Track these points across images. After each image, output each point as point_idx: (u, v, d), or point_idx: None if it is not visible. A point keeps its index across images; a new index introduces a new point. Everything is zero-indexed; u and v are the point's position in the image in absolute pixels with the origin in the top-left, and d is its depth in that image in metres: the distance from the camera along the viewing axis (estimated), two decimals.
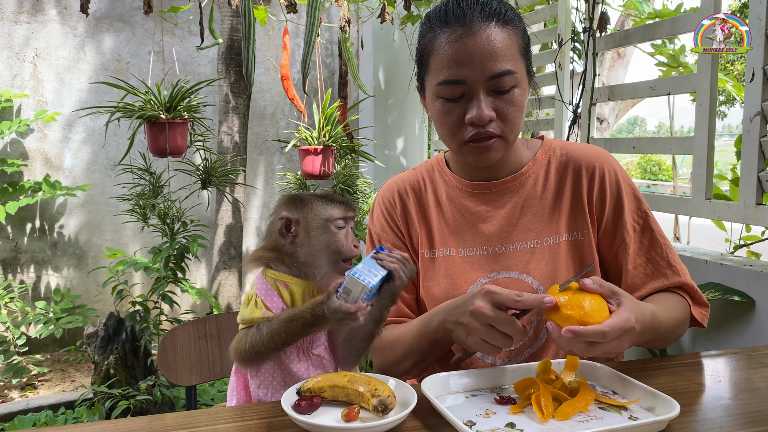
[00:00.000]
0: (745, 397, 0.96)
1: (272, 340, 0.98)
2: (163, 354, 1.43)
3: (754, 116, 1.78)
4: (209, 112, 3.87)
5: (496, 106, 1.08)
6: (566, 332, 0.87)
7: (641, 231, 1.20)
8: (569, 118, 2.57)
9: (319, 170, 2.94)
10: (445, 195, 1.26)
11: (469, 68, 1.06)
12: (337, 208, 1.04)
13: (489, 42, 1.05)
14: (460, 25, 1.06)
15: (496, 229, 1.20)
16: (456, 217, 1.24)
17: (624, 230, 1.19)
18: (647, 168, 13.84)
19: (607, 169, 1.21)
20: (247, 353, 0.99)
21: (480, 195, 1.22)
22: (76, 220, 4.11)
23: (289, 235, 1.04)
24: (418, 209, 1.27)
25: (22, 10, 3.93)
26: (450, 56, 1.07)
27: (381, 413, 0.86)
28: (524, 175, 1.22)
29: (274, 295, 1.02)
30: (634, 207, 1.21)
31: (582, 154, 1.22)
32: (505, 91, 1.08)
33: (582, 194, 1.20)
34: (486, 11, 1.07)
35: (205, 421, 0.90)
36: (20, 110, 3.97)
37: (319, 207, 1.04)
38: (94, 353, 2.90)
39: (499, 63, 1.06)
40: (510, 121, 1.10)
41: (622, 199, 1.20)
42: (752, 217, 1.81)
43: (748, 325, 1.71)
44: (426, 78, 1.15)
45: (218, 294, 3.59)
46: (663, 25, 2.18)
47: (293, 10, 2.64)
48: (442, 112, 1.11)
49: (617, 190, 1.20)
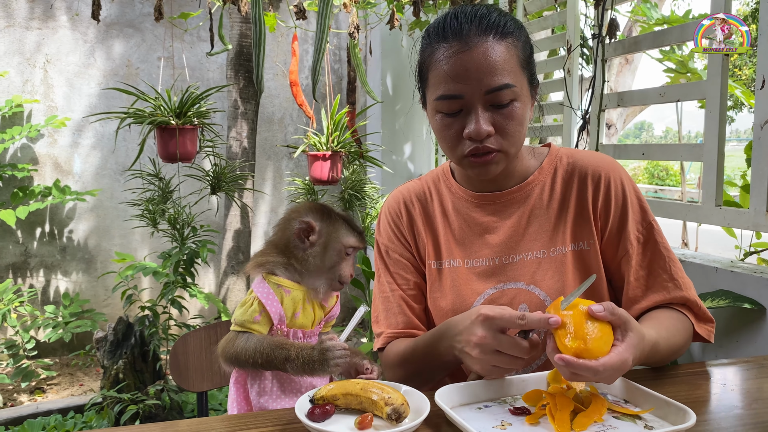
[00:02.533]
0: (758, 407, 0.96)
1: (255, 357, 1.01)
2: (175, 360, 1.44)
3: (764, 123, 1.78)
4: (218, 117, 3.89)
5: (495, 120, 1.08)
6: (558, 360, 0.86)
7: (645, 242, 1.18)
8: (578, 124, 2.57)
9: (327, 176, 2.95)
10: (451, 205, 1.25)
11: (466, 83, 1.05)
12: (355, 239, 1.11)
13: (486, 57, 1.05)
14: (457, 40, 1.06)
15: (503, 240, 1.20)
16: (462, 227, 1.23)
17: (627, 241, 1.17)
18: (655, 173, 13.80)
19: (613, 178, 1.19)
20: (232, 358, 1.03)
21: (486, 206, 1.22)
22: (85, 224, 4.14)
23: (306, 241, 1.06)
24: (425, 220, 1.27)
25: (33, 16, 3.96)
26: (447, 71, 1.07)
27: (394, 421, 0.86)
28: (530, 185, 1.21)
29: (274, 300, 1.04)
30: (639, 218, 1.19)
31: (588, 162, 1.21)
32: (504, 105, 1.07)
33: (587, 203, 1.18)
34: (484, 24, 1.06)
35: (219, 428, 0.90)
36: (31, 115, 4.00)
37: (343, 231, 1.09)
38: (103, 357, 2.92)
39: (496, 77, 1.05)
40: (510, 135, 1.09)
41: (627, 209, 1.18)
42: (763, 224, 1.80)
43: (759, 332, 1.70)
44: (426, 92, 1.15)
45: (226, 299, 3.60)
46: (672, 32, 2.18)
47: (302, 16, 2.66)
48: (442, 126, 1.11)
49: (622, 200, 1.18)
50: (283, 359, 1.01)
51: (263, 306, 1.03)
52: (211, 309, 4.19)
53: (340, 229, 1.09)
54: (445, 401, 0.91)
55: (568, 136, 2.66)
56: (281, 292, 1.04)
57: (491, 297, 1.18)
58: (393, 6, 2.95)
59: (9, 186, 3.92)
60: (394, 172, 3.86)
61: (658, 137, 40.62)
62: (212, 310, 4.20)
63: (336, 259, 1.08)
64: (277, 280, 1.05)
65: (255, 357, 1.01)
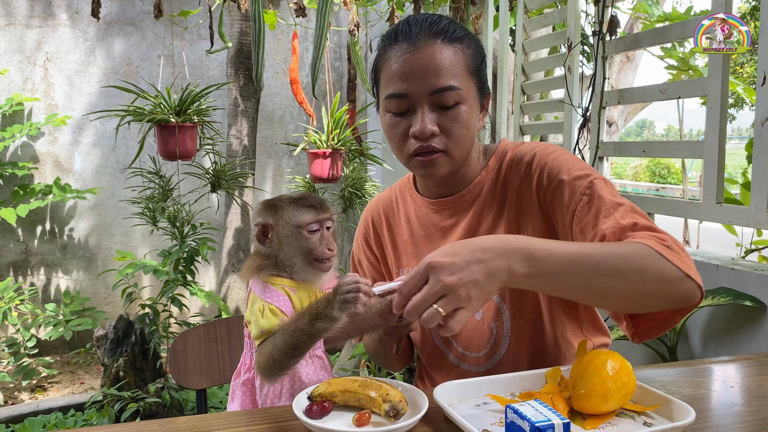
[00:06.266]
0: (758, 404, 0.95)
1: (286, 346, 0.95)
2: (174, 357, 1.44)
3: (765, 120, 1.77)
4: (218, 115, 3.89)
5: (440, 121, 1.09)
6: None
7: (588, 203, 1.06)
8: (579, 122, 2.56)
9: (327, 173, 2.95)
10: (414, 213, 1.29)
11: (413, 82, 1.08)
12: (309, 213, 1.02)
13: (432, 58, 1.07)
14: (406, 42, 1.09)
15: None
16: (425, 233, 1.26)
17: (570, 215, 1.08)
18: (656, 171, 13.76)
19: (538, 156, 1.15)
20: (269, 365, 0.97)
21: (443, 210, 1.24)
22: (85, 222, 4.14)
23: (267, 241, 1.04)
24: (389, 232, 1.32)
25: (33, 14, 3.96)
26: (395, 71, 1.10)
27: (392, 418, 0.86)
28: (478, 185, 1.21)
29: (279, 294, 1.01)
30: (571, 177, 1.09)
31: (524, 151, 1.19)
32: (449, 107, 1.09)
33: (523, 190, 1.16)
34: (433, 29, 1.10)
35: (217, 425, 0.90)
36: (31, 114, 4.00)
37: (290, 213, 1.03)
38: (103, 356, 2.92)
39: (441, 78, 1.07)
40: (454, 137, 1.10)
41: (555, 176, 1.11)
42: (764, 221, 1.80)
43: (759, 330, 1.70)
44: (379, 93, 1.17)
45: (227, 297, 3.60)
46: (673, 29, 2.17)
47: (302, 14, 2.65)
48: (390, 125, 1.14)
49: (547, 170, 1.12)
50: (308, 323, 0.94)
51: (279, 310, 1.00)
52: (211, 307, 4.19)
53: (287, 213, 1.03)
54: (444, 398, 0.91)
55: (568, 133, 2.66)
56: (287, 291, 1.02)
57: None
58: (393, 3, 2.94)
59: (9, 184, 3.92)
60: (395, 169, 3.85)
61: (660, 135, 40.58)
62: (213, 308, 4.20)
63: (296, 242, 1.02)
64: (281, 281, 1.03)
65: (286, 347, 0.95)
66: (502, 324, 1.16)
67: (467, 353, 1.20)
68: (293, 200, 1.05)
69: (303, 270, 1.03)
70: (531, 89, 3.09)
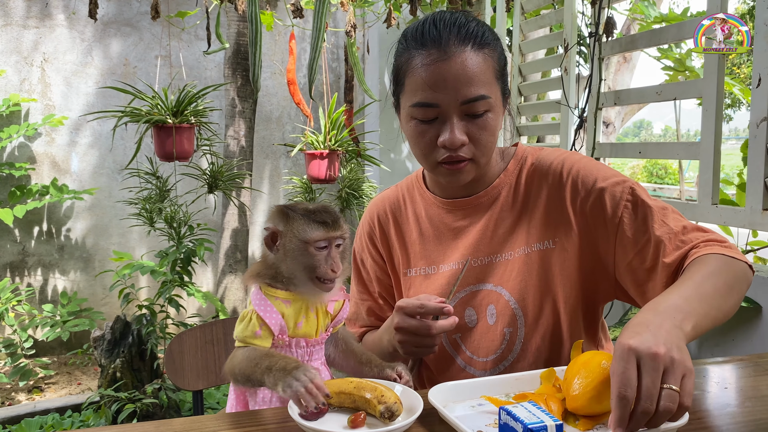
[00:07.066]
0: (751, 405, 0.96)
1: (243, 370, 0.95)
2: (170, 358, 1.44)
3: (760, 122, 1.78)
4: (216, 116, 3.88)
5: (469, 130, 1.09)
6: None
7: (633, 210, 1.09)
8: (575, 123, 2.57)
9: (325, 174, 2.95)
10: (424, 212, 1.27)
11: (443, 93, 1.06)
12: (318, 230, 0.98)
13: (464, 67, 1.06)
14: (435, 48, 1.06)
15: (472, 243, 1.20)
16: (435, 233, 1.25)
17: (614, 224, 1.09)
18: (653, 171, 13.79)
19: (567, 165, 1.16)
20: (237, 374, 0.97)
21: (457, 211, 1.23)
22: (83, 223, 4.13)
23: (274, 247, 1.01)
24: (397, 229, 1.29)
25: (30, 15, 3.96)
26: (424, 79, 1.07)
27: (387, 420, 0.86)
28: (497, 188, 1.21)
29: (273, 311, 0.99)
30: (611, 183, 1.11)
31: (549, 158, 1.19)
32: (479, 115, 1.08)
33: (552, 200, 1.16)
34: (462, 34, 1.07)
35: (213, 427, 0.90)
36: (28, 114, 3.99)
37: (300, 226, 0.98)
38: (100, 356, 2.92)
39: (473, 88, 1.06)
40: (482, 145, 1.10)
41: (594, 186, 1.12)
42: (759, 222, 1.80)
43: (755, 331, 1.71)
44: (401, 97, 1.15)
45: (224, 298, 3.60)
46: (669, 30, 2.18)
47: (299, 15, 2.65)
48: (416, 133, 1.12)
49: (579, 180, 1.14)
50: (263, 370, 0.92)
51: (262, 319, 0.98)
52: (209, 308, 4.19)
53: (298, 227, 0.98)
54: (438, 400, 0.91)
55: (565, 134, 2.66)
56: (280, 303, 1.00)
57: (463, 299, 1.20)
58: (390, 4, 2.95)
59: (6, 185, 3.91)
60: (392, 170, 3.85)
61: (658, 135, 40.61)
62: (210, 309, 4.19)
63: (302, 258, 0.98)
64: (274, 292, 1.00)
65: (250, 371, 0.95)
66: (516, 330, 1.15)
67: (475, 357, 1.19)
68: (307, 212, 1.00)
69: (303, 285, 1.00)
70: (528, 90, 3.09)
